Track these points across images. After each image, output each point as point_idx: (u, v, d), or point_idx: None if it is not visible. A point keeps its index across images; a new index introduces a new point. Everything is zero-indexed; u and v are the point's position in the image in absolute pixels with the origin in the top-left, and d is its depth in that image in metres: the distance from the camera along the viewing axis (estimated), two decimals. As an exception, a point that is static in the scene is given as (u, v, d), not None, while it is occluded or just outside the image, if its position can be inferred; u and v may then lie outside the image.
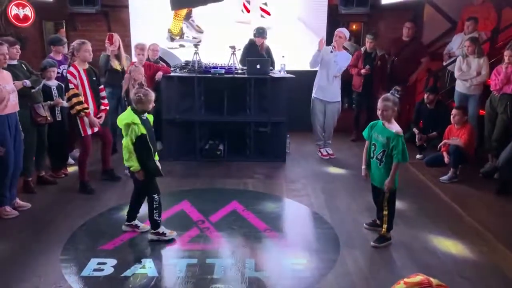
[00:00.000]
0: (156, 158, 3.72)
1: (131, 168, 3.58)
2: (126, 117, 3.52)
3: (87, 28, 7.22)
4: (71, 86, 4.42)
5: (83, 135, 4.58)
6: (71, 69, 4.46)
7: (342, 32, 5.74)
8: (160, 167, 3.69)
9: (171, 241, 3.66)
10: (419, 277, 1.24)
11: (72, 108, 4.46)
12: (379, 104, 3.55)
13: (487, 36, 6.45)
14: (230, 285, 3.09)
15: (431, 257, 3.51)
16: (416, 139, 5.73)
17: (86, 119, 4.49)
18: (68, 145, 5.39)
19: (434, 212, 4.35)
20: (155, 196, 3.64)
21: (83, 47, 4.46)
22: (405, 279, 1.26)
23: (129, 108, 3.62)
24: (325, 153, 6.07)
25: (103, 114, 4.68)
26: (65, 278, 3.12)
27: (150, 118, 3.72)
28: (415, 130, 5.80)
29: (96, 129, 4.64)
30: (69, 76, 4.43)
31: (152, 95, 3.63)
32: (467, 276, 3.23)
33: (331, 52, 5.67)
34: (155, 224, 3.66)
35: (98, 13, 6.89)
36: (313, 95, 5.96)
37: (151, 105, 3.65)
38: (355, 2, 6.69)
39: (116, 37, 5.56)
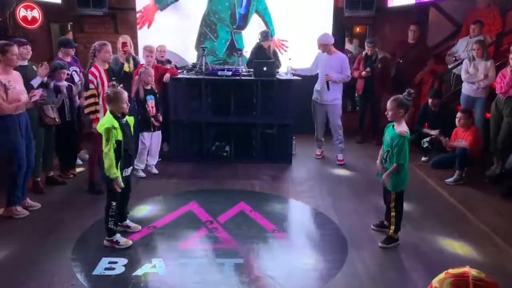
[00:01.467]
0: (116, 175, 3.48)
1: (111, 176, 3.44)
2: (106, 121, 3.44)
3: (94, 30, 7.29)
4: (91, 86, 4.47)
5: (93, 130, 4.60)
6: (93, 69, 4.53)
7: (320, 40, 5.75)
8: (120, 180, 3.49)
9: (129, 248, 3.58)
10: (462, 269, 1.21)
11: (87, 106, 4.53)
12: (387, 104, 3.60)
13: (492, 40, 6.48)
14: (240, 284, 3.13)
15: (439, 257, 3.54)
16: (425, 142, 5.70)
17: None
18: (76, 146, 5.44)
19: (441, 214, 4.38)
20: (113, 203, 3.55)
21: (104, 48, 4.54)
22: (450, 270, 1.24)
23: (108, 111, 3.54)
24: (318, 152, 6.21)
25: None
26: (77, 277, 3.16)
27: (131, 121, 3.67)
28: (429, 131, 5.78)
29: None
30: (90, 77, 4.49)
31: (122, 94, 3.53)
32: (474, 277, 3.24)
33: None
34: (109, 232, 3.58)
35: (105, 15, 6.95)
36: (312, 97, 6.07)
37: (124, 105, 3.53)
38: (360, 5, 6.73)
39: (128, 41, 5.59)
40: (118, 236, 3.62)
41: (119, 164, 3.50)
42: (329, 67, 5.76)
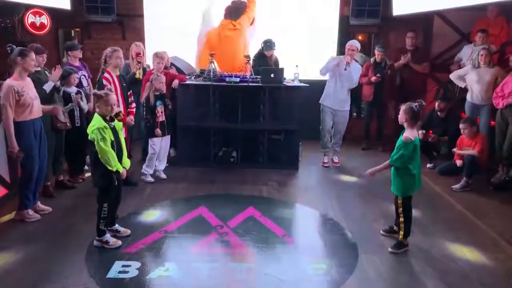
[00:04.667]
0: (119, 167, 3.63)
1: (115, 169, 3.56)
2: (96, 123, 3.51)
3: (101, 36, 7.36)
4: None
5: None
6: (106, 75, 4.61)
7: (354, 45, 5.81)
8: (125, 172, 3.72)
9: (119, 248, 3.65)
10: None
11: None
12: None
13: (497, 49, 6.54)
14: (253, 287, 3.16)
15: (449, 263, 3.56)
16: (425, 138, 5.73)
17: None
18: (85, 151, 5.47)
19: (449, 220, 4.41)
20: (105, 205, 3.65)
21: (116, 54, 4.63)
22: None
23: (96, 114, 3.60)
24: (326, 160, 6.14)
25: (132, 117, 4.80)
26: (91, 280, 3.19)
27: (118, 126, 3.73)
28: (422, 132, 5.81)
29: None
30: (104, 81, 4.58)
31: (112, 96, 3.60)
32: (486, 282, 3.28)
33: (345, 70, 5.80)
34: (99, 232, 3.66)
35: (113, 21, 7.01)
36: (322, 102, 6.04)
37: (110, 108, 3.58)
38: (366, 13, 6.80)
39: (142, 49, 5.63)
40: (107, 236, 3.70)
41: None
42: (349, 77, 5.90)
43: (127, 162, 3.79)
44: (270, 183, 5.38)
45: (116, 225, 3.91)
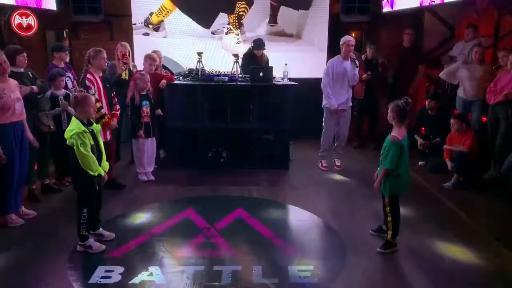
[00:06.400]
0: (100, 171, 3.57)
1: (97, 173, 3.51)
2: (74, 127, 3.42)
3: (90, 36, 7.26)
4: (90, 92, 4.36)
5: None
6: (89, 76, 4.52)
7: (353, 40, 5.64)
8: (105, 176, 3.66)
9: (102, 253, 3.59)
10: None
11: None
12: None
13: (490, 42, 6.48)
14: (238, 292, 3.10)
15: (438, 263, 3.51)
16: (418, 145, 5.74)
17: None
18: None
19: (439, 218, 4.36)
20: (84, 210, 3.56)
21: (100, 55, 4.54)
22: None
23: (73, 118, 3.51)
24: (325, 164, 5.94)
25: (116, 120, 4.74)
26: (73, 286, 3.12)
27: (97, 128, 3.65)
28: (417, 137, 5.81)
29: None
30: (87, 83, 4.47)
31: (90, 98, 3.54)
32: (476, 282, 3.23)
33: (357, 67, 5.63)
34: (81, 238, 3.59)
35: (101, 21, 6.93)
36: (326, 106, 5.73)
37: (91, 110, 3.55)
38: (356, 10, 6.74)
39: (128, 50, 5.55)
40: (91, 241, 3.63)
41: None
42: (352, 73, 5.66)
43: (106, 165, 3.72)
44: (260, 183, 5.33)
45: (100, 229, 3.84)
